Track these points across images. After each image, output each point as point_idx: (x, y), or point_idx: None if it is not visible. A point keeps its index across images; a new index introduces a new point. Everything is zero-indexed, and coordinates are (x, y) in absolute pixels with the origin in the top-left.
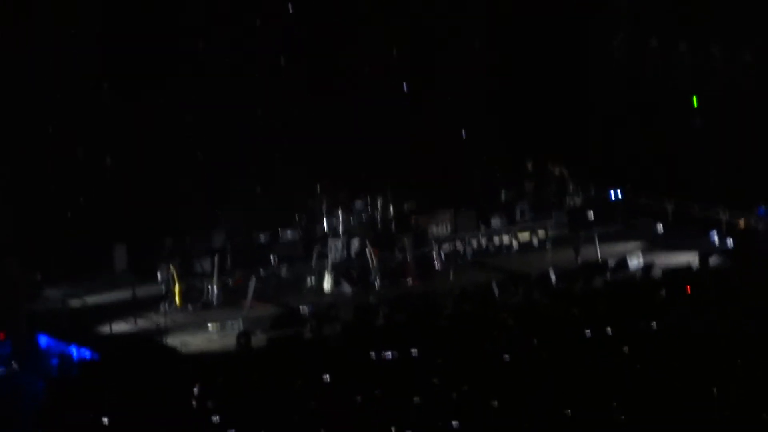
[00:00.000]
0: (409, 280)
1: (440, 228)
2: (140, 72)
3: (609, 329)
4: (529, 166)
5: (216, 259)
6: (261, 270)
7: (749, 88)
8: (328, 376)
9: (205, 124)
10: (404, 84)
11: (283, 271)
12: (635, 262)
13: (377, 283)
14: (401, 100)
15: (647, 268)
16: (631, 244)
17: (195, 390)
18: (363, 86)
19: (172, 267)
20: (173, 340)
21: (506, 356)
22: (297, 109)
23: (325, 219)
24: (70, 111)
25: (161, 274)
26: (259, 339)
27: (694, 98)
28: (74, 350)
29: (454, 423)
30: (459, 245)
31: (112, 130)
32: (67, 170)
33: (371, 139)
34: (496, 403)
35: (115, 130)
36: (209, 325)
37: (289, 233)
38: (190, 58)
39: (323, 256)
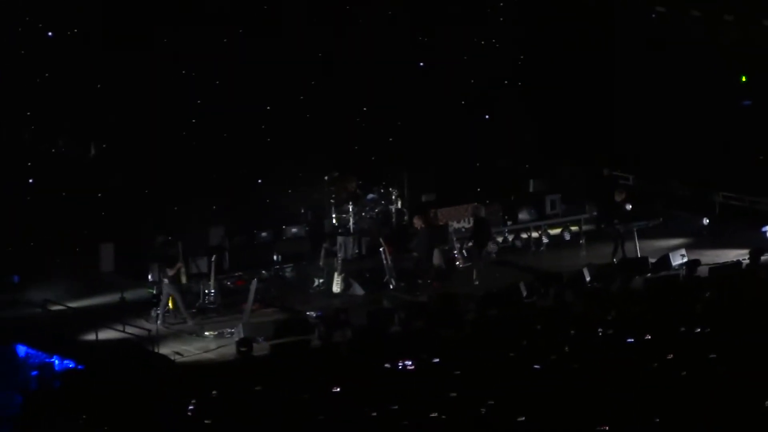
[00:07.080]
0: (428, 281)
1: (462, 223)
2: (130, 50)
3: (649, 335)
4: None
5: (213, 258)
6: (263, 271)
7: None
8: (338, 387)
9: (202, 108)
10: None
11: (288, 272)
12: (678, 259)
13: (392, 285)
14: (418, 80)
15: (692, 266)
16: (675, 241)
17: (190, 404)
18: (377, 65)
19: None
20: (166, 349)
21: (536, 366)
22: (301, 92)
23: (333, 213)
24: (48, 95)
25: (152, 276)
26: (261, 347)
27: (743, 76)
28: (56, 361)
29: None
30: None
31: (95, 115)
32: (46, 160)
33: (385, 122)
34: (523, 418)
35: (99, 116)
36: (206, 332)
37: (294, 230)
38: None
39: (332, 254)
